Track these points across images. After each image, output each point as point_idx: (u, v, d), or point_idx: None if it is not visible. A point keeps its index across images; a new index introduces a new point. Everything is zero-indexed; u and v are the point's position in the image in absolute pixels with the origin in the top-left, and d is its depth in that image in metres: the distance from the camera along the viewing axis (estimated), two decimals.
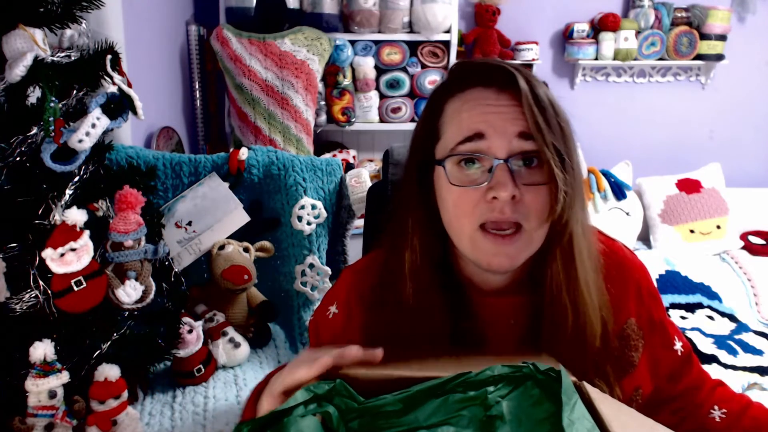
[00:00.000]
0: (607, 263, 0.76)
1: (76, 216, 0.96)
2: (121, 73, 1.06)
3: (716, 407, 0.81)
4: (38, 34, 0.97)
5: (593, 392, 0.45)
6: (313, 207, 1.53)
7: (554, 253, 0.70)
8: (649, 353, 0.80)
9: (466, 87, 0.70)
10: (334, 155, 2.69)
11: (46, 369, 0.92)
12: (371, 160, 2.85)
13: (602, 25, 2.69)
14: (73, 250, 0.95)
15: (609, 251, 0.78)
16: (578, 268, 0.71)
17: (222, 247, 1.45)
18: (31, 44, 0.95)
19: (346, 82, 2.55)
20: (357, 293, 0.80)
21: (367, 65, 2.55)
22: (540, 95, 0.66)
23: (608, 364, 0.74)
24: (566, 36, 2.78)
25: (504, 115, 0.66)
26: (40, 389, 0.91)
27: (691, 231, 2.52)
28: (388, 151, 1.14)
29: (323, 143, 2.75)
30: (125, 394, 1.01)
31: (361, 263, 0.85)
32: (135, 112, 1.08)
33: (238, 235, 1.51)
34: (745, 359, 1.87)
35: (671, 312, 2.15)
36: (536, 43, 2.73)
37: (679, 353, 0.82)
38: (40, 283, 0.96)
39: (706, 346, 1.93)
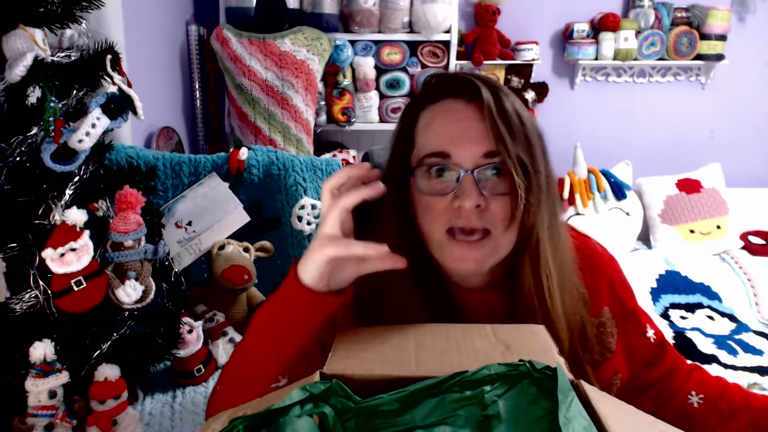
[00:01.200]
0: (579, 258, 0.80)
1: (76, 216, 0.96)
2: (121, 73, 1.06)
3: (693, 393, 0.85)
4: (38, 34, 0.97)
5: (590, 390, 0.45)
6: (313, 207, 1.53)
7: (523, 258, 0.74)
8: (624, 341, 0.83)
9: (437, 98, 0.73)
10: (334, 155, 2.69)
11: (46, 369, 0.92)
12: None
13: (602, 25, 2.69)
14: (73, 250, 0.95)
15: (581, 246, 0.82)
16: (544, 274, 0.73)
17: (222, 247, 1.45)
18: (31, 44, 0.95)
19: (346, 82, 2.55)
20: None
21: (367, 65, 2.55)
22: (506, 106, 0.69)
23: (585, 363, 0.76)
24: (566, 36, 2.78)
25: (470, 130, 0.69)
26: (40, 389, 0.91)
27: (691, 231, 2.52)
28: (367, 153, 1.14)
29: (323, 143, 2.76)
30: (125, 394, 1.01)
31: None
32: (135, 112, 1.08)
33: (238, 235, 1.51)
34: (745, 359, 1.87)
35: (671, 312, 2.15)
36: (536, 43, 2.73)
37: (652, 340, 0.85)
38: (40, 283, 0.96)
39: (706, 346, 1.93)
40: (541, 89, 2.82)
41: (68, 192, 1.01)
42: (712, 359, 1.84)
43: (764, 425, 0.82)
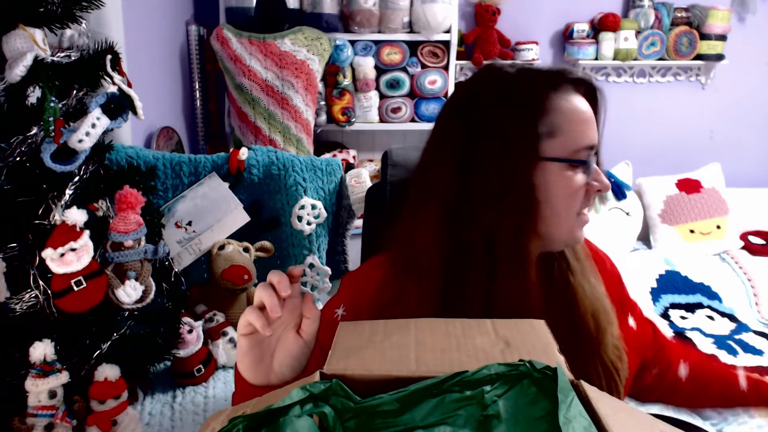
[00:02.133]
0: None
1: (76, 216, 0.96)
2: (121, 73, 1.06)
3: (682, 366, 0.95)
4: (38, 34, 0.97)
5: (590, 390, 0.45)
6: (313, 207, 1.53)
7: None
8: (623, 328, 0.87)
9: (564, 87, 0.78)
10: (334, 155, 2.69)
11: (46, 369, 0.92)
12: (371, 160, 2.85)
13: (602, 25, 2.69)
14: (73, 250, 0.95)
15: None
16: (573, 261, 0.82)
17: (222, 247, 1.45)
18: (31, 44, 0.95)
19: (346, 82, 2.55)
20: (363, 296, 0.81)
21: (367, 65, 2.55)
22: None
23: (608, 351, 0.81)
24: (566, 36, 2.78)
25: (593, 122, 0.80)
26: (40, 389, 0.91)
27: (691, 231, 2.52)
28: (387, 153, 1.14)
29: (323, 143, 2.76)
30: (125, 394, 1.01)
31: (363, 269, 0.87)
32: (135, 112, 1.08)
33: (238, 235, 1.51)
34: (745, 359, 1.87)
35: (671, 312, 2.15)
36: (536, 43, 2.73)
37: (647, 323, 0.96)
38: (40, 283, 0.96)
39: (706, 346, 1.93)
40: None
41: (68, 192, 1.01)
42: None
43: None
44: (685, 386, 0.95)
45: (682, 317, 2.12)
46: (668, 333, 1.98)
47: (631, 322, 0.92)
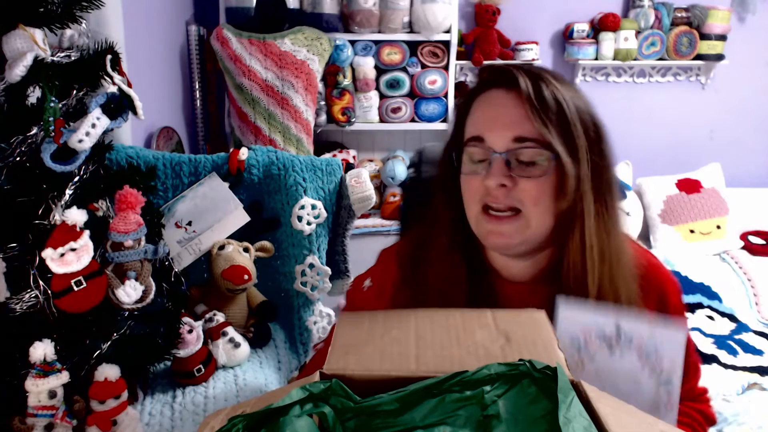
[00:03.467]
0: (634, 265, 0.81)
1: (76, 216, 0.96)
2: (121, 73, 1.06)
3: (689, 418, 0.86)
4: (38, 34, 0.97)
5: (590, 390, 0.45)
6: (313, 207, 1.53)
7: (568, 248, 0.77)
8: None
9: (484, 89, 0.80)
10: (334, 155, 2.69)
11: (46, 369, 0.92)
12: (371, 160, 2.85)
13: (602, 25, 2.69)
14: (73, 250, 0.95)
15: (639, 257, 0.83)
16: (590, 261, 0.76)
17: (222, 247, 1.45)
18: (31, 44, 0.95)
19: (346, 82, 2.55)
20: (389, 273, 0.90)
21: (367, 65, 2.55)
22: (544, 94, 0.74)
23: None
24: (566, 36, 2.78)
25: (504, 115, 0.75)
26: (40, 389, 0.91)
27: (691, 231, 2.51)
28: (420, 151, 1.20)
29: (323, 143, 2.76)
30: (125, 394, 1.01)
31: (396, 245, 0.96)
32: (135, 112, 1.07)
33: (238, 235, 1.51)
34: (745, 359, 1.87)
35: None
36: (536, 43, 2.73)
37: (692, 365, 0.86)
38: (40, 283, 0.96)
39: (706, 346, 1.93)
40: None
41: (68, 192, 1.00)
42: (712, 359, 1.84)
43: None
44: None
45: None
46: None
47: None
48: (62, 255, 0.94)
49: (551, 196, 0.74)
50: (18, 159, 0.96)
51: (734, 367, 1.81)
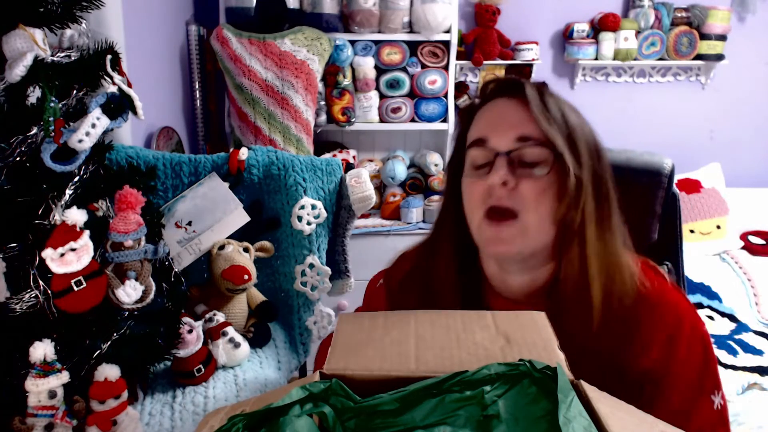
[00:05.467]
0: (642, 304, 0.76)
1: (76, 216, 0.96)
2: (121, 73, 1.06)
3: None
4: (38, 34, 0.97)
5: (590, 390, 0.45)
6: (313, 207, 1.53)
7: (567, 257, 0.76)
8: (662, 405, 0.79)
9: (488, 100, 0.81)
10: (334, 155, 2.69)
11: (46, 369, 0.92)
12: (371, 160, 2.85)
13: (602, 25, 2.69)
14: (73, 250, 0.95)
15: (653, 291, 0.77)
16: (590, 272, 0.74)
17: (222, 247, 1.45)
18: (31, 44, 0.95)
19: (346, 82, 2.55)
20: (396, 276, 0.94)
21: (367, 65, 2.55)
22: (547, 102, 0.75)
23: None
24: (566, 36, 2.78)
25: (507, 116, 0.76)
26: (40, 389, 0.91)
27: (691, 231, 2.51)
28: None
29: (323, 143, 2.76)
30: (125, 394, 1.01)
31: (412, 249, 0.98)
32: (135, 112, 1.07)
33: (238, 235, 1.51)
34: (745, 359, 1.87)
35: None
36: (536, 43, 2.73)
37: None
38: (40, 283, 0.96)
39: None
40: None
41: (68, 192, 1.00)
42: None
43: None
44: None
45: None
46: None
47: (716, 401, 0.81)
48: (62, 255, 0.94)
49: (552, 199, 0.73)
50: (18, 159, 0.96)
51: (734, 367, 1.81)
